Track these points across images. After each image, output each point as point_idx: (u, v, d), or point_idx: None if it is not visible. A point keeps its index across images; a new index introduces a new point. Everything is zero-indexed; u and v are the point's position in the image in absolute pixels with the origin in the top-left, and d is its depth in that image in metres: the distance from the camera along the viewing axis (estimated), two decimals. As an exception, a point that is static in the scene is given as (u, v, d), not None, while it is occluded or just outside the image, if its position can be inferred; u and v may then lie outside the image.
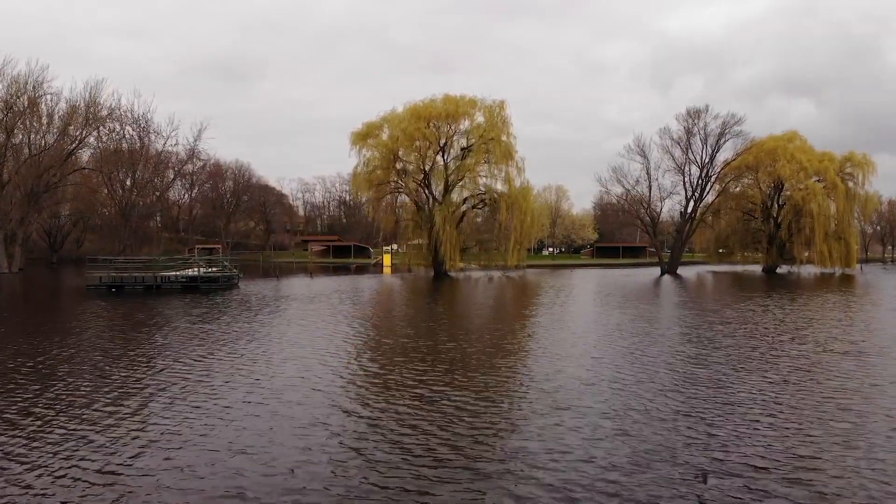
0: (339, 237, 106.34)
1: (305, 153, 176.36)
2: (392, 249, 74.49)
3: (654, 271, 62.08)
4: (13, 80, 54.64)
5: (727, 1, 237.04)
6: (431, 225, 52.37)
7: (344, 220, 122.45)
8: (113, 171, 67.45)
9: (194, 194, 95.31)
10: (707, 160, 62.32)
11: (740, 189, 69.44)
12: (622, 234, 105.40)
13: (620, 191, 65.60)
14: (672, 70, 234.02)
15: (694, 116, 61.62)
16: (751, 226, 71.23)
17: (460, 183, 53.84)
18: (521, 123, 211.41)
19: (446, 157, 54.54)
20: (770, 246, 66.75)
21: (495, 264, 56.15)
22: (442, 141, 53.99)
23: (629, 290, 36.44)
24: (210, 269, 39.62)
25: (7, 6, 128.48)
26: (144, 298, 29.08)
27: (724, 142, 61.85)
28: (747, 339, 16.81)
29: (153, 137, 70.16)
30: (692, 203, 63.81)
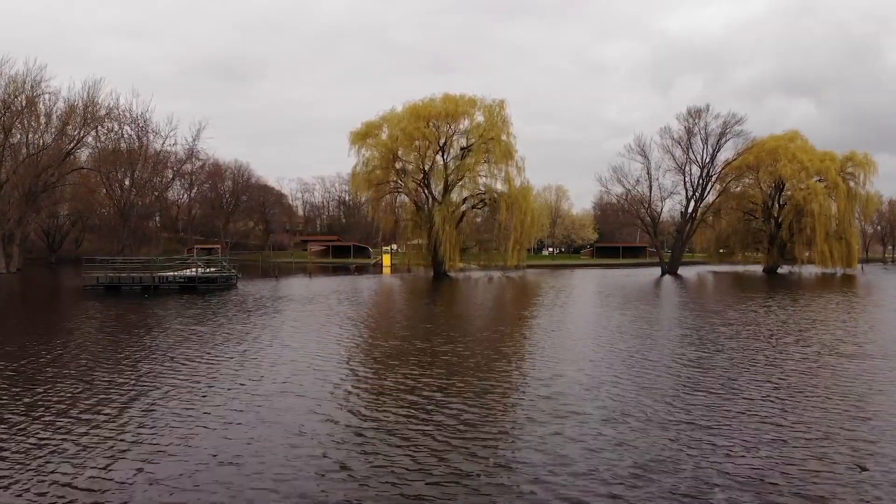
0: (339, 237, 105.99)
1: (305, 153, 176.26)
2: (391, 249, 74.12)
3: (655, 271, 61.74)
4: (11, 80, 54.42)
5: (727, 1, 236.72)
6: (431, 225, 52.04)
7: (343, 221, 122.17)
8: (111, 171, 67.18)
9: (193, 194, 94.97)
10: (708, 160, 62.19)
11: (741, 189, 69.14)
12: (622, 235, 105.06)
13: (621, 190, 65.47)
14: (672, 70, 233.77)
15: (695, 116, 61.47)
16: (751, 226, 70.94)
17: (460, 183, 53.49)
18: (521, 123, 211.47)
19: (446, 157, 54.26)
20: (771, 246, 66.43)
21: (495, 264, 55.85)
22: (441, 140, 53.66)
23: (629, 291, 36.11)
24: (208, 270, 39.38)
25: (7, 6, 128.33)
26: (141, 299, 28.77)
27: (725, 141, 61.76)
28: (751, 342, 16.47)
29: (152, 137, 69.94)
30: (693, 203, 63.68)
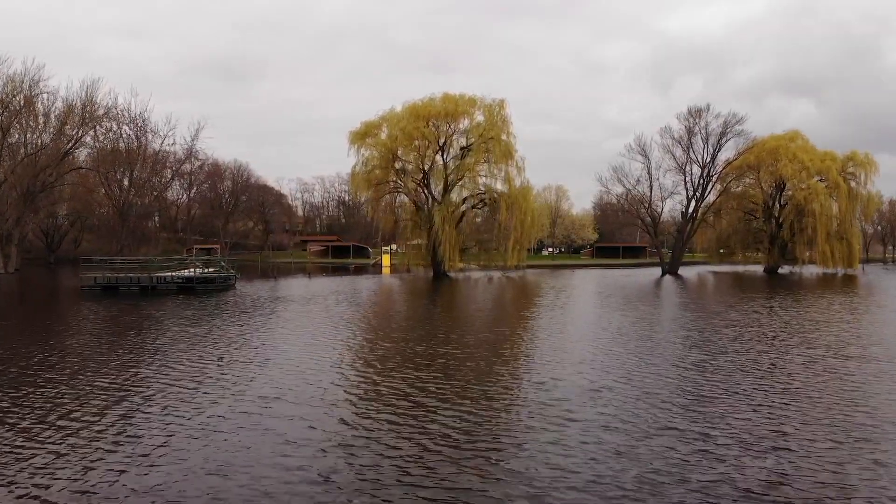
0: (338, 237, 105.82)
1: (305, 153, 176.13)
2: (391, 250, 73.98)
3: (655, 272, 61.57)
4: (9, 79, 54.32)
5: (727, 1, 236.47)
6: (430, 225, 51.86)
7: (343, 221, 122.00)
8: (110, 171, 67.00)
9: (192, 194, 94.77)
10: (708, 159, 62.09)
11: (742, 189, 69.01)
12: (622, 235, 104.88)
13: (621, 190, 65.38)
14: (672, 70, 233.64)
15: (695, 115, 61.37)
16: (752, 226, 70.79)
17: (460, 182, 53.29)
18: (521, 123, 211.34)
19: (446, 157, 54.08)
20: (772, 246, 66.27)
21: (495, 264, 55.68)
22: (441, 140, 53.48)
23: (630, 291, 35.93)
24: (207, 270, 39.20)
25: (7, 6, 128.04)
26: (138, 300, 28.58)
27: (726, 141, 61.65)
28: (754, 344, 16.29)
29: (150, 137, 69.81)
30: (693, 203, 63.60)
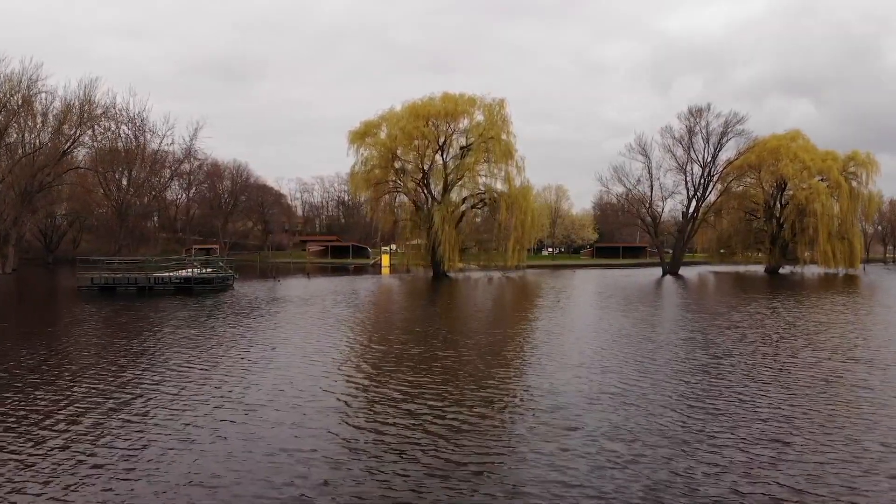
0: (338, 237, 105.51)
1: (304, 153, 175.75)
2: (391, 250, 73.68)
3: (656, 272, 61.27)
4: (6, 78, 53.93)
5: (727, 1, 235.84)
6: (430, 225, 51.57)
7: (342, 221, 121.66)
8: (108, 171, 66.68)
9: (192, 194, 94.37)
10: (709, 159, 61.78)
11: (743, 188, 68.70)
12: (622, 235, 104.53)
13: (622, 190, 65.04)
14: (672, 70, 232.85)
15: (696, 115, 61.06)
16: (753, 226, 70.49)
17: (459, 182, 52.99)
18: (521, 123, 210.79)
19: (445, 157, 53.80)
20: (773, 246, 65.98)
21: (495, 265, 55.38)
22: (441, 140, 53.19)
23: (631, 292, 35.64)
24: (205, 270, 38.92)
25: (7, 6, 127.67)
26: (134, 300, 28.30)
27: (727, 140, 61.33)
28: (759, 346, 16.01)
29: (149, 136, 69.49)
30: (694, 202, 63.28)
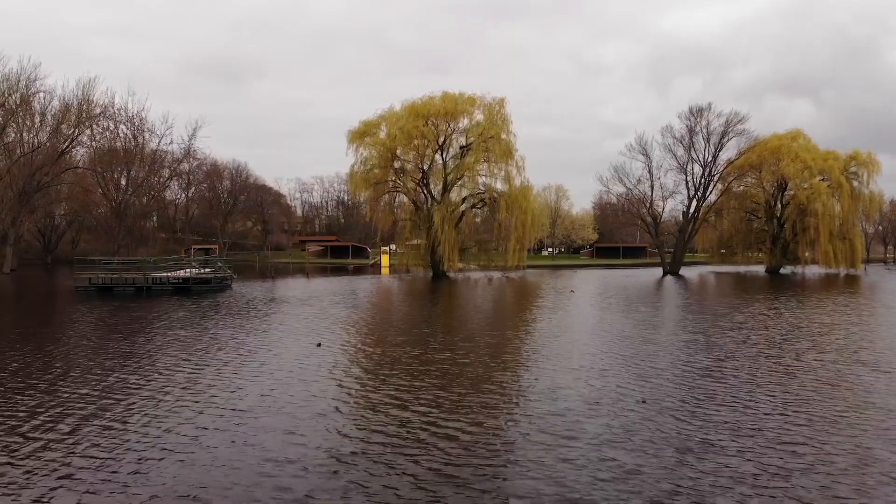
0: (337, 237, 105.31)
1: (303, 153, 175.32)
2: (390, 250, 73.41)
3: (656, 272, 61.03)
4: (4, 78, 53.67)
5: (724, 2, 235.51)
6: (430, 225, 51.33)
7: (342, 221, 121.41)
8: (107, 171, 66.37)
9: (191, 194, 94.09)
10: (710, 159, 61.56)
11: (743, 188, 68.48)
12: (622, 235, 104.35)
13: (622, 190, 64.82)
14: (669, 71, 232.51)
15: (696, 115, 60.86)
16: (754, 226, 70.25)
17: (459, 182, 52.74)
18: (519, 124, 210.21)
19: (445, 156, 53.55)
20: (773, 246, 65.75)
21: (495, 265, 55.15)
22: (441, 139, 52.94)
23: (632, 292, 35.38)
24: (203, 270, 38.71)
25: (5, 6, 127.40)
26: (131, 301, 28.06)
27: (728, 140, 61.12)
28: (763, 348, 15.76)
29: (147, 136, 69.19)
30: (695, 202, 63.06)
